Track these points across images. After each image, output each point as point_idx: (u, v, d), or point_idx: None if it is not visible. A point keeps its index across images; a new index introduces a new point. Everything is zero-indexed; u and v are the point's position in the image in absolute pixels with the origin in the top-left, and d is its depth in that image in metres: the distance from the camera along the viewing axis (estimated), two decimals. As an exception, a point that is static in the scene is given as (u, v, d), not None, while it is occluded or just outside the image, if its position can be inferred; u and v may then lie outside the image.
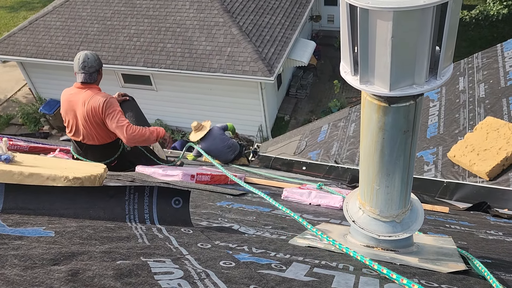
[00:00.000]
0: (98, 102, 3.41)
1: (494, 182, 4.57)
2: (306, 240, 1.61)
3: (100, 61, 3.55)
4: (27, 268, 0.88)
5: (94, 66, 3.47)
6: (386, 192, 1.48)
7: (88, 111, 3.43)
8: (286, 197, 3.18)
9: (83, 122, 3.50)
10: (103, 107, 3.40)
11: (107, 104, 3.41)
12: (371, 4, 1.08)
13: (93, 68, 3.46)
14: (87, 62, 3.44)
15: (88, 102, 3.42)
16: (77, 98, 3.47)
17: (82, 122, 3.51)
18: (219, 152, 6.91)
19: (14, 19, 21.95)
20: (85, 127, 3.52)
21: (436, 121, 5.89)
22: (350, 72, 1.30)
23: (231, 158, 7.11)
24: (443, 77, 1.23)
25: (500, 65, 5.83)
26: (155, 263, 1.01)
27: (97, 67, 3.50)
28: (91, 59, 3.46)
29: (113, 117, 3.42)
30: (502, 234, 2.61)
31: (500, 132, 4.76)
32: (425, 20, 1.09)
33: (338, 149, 6.90)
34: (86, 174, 1.79)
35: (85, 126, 3.51)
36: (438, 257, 1.55)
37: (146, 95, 13.87)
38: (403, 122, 1.31)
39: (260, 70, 11.49)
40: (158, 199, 1.55)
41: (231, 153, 7.10)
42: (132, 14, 13.27)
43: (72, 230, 1.22)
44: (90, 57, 3.46)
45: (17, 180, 1.62)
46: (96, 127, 3.52)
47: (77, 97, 3.48)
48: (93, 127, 3.51)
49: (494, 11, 12.77)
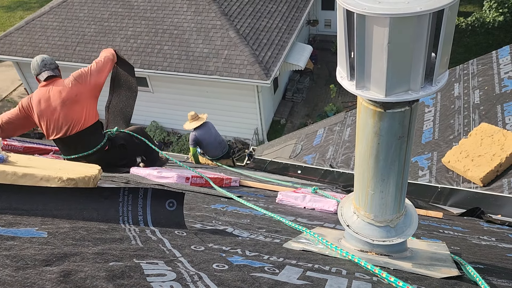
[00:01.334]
0: (69, 79, 3.60)
1: (488, 188, 4.60)
2: (300, 244, 1.61)
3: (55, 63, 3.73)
4: (19, 268, 0.87)
5: (54, 63, 3.64)
6: (381, 197, 1.48)
7: (68, 92, 3.51)
8: (280, 201, 3.18)
9: (64, 109, 3.49)
10: (75, 78, 3.60)
11: (75, 74, 3.64)
12: (368, 10, 1.09)
13: (53, 65, 3.61)
14: (46, 61, 3.58)
15: (64, 86, 3.53)
16: (50, 91, 3.51)
17: (63, 111, 3.49)
18: (210, 144, 7.07)
19: (10, 18, 21.88)
20: (66, 115, 3.50)
21: (431, 127, 5.92)
22: (346, 77, 1.30)
23: (219, 155, 7.25)
24: (438, 83, 1.24)
25: (495, 72, 5.87)
26: (148, 265, 1.01)
27: (55, 64, 3.66)
28: (47, 59, 3.61)
29: (90, 74, 3.67)
30: (495, 239, 2.62)
31: (494, 139, 4.79)
32: (421, 27, 1.10)
33: (333, 153, 6.91)
34: (80, 175, 1.78)
35: (67, 113, 3.50)
36: (431, 262, 1.56)
37: (142, 96, 13.81)
38: (398, 128, 1.32)
39: (256, 74, 11.51)
40: (152, 201, 1.55)
41: (220, 150, 7.25)
42: (129, 15, 13.26)
43: (65, 231, 1.22)
44: (47, 57, 3.62)
45: (11, 180, 1.62)
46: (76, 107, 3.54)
47: (50, 90, 3.52)
48: (74, 109, 3.52)
49: (490, 18, 12.87)
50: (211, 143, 7.06)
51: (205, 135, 6.96)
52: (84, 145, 3.62)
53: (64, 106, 3.48)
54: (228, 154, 7.45)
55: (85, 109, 3.57)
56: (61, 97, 3.47)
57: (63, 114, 3.49)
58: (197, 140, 7.00)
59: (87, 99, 3.60)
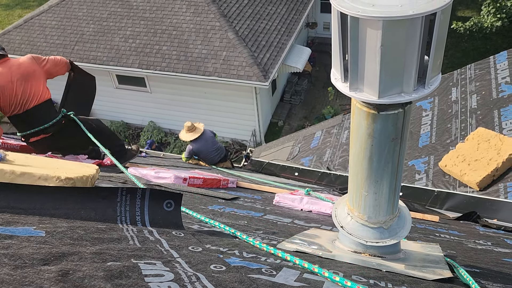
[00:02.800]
0: (26, 57, 3.69)
1: (484, 193, 4.61)
2: (294, 245, 1.62)
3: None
4: (17, 267, 0.87)
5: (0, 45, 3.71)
6: (374, 199, 1.49)
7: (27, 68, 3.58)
8: (277, 202, 3.19)
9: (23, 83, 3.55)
10: (33, 56, 3.70)
11: (33, 55, 3.75)
12: (361, 13, 1.11)
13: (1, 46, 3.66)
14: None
15: (19, 63, 3.59)
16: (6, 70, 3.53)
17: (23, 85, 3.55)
18: (208, 154, 7.13)
19: (9, 17, 21.83)
20: (25, 89, 3.57)
21: (428, 131, 5.94)
22: (341, 79, 1.32)
23: (217, 160, 7.32)
24: (431, 86, 1.25)
25: (493, 76, 5.90)
26: (145, 265, 1.01)
27: (1, 46, 3.71)
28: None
29: (47, 61, 3.79)
30: (491, 244, 2.64)
31: (491, 143, 4.81)
32: (414, 30, 1.11)
33: (330, 156, 6.92)
34: (78, 174, 1.79)
35: (26, 87, 3.57)
36: (424, 264, 1.57)
37: (140, 96, 13.84)
38: (392, 130, 1.33)
39: (255, 75, 11.52)
40: (150, 201, 1.55)
41: (218, 156, 7.32)
42: (128, 15, 13.25)
43: (63, 231, 1.22)
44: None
45: (9, 179, 1.62)
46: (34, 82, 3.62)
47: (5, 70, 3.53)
48: (32, 83, 3.60)
49: (488, 23, 12.93)
50: (209, 153, 7.12)
51: (201, 148, 7.02)
52: (41, 120, 3.67)
53: (23, 80, 3.55)
54: (225, 157, 7.52)
55: (42, 84, 3.68)
56: (19, 71, 3.54)
57: (22, 88, 3.56)
58: (194, 152, 7.09)
59: (42, 77, 3.73)
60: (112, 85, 13.79)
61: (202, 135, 6.99)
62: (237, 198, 3.14)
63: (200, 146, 6.97)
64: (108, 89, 13.83)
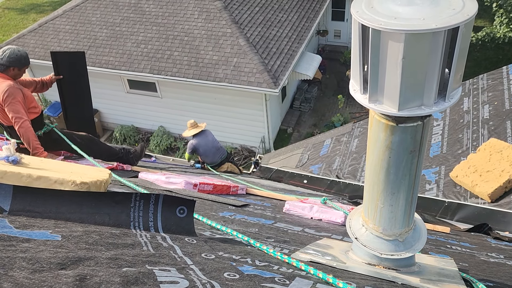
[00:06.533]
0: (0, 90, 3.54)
1: (496, 204, 4.56)
2: (308, 255, 1.61)
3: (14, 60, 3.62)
4: (35, 271, 0.89)
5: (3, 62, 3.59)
6: (390, 211, 1.48)
7: None
8: (288, 210, 3.18)
9: None
10: (3, 96, 3.53)
11: (8, 94, 3.54)
12: (384, 25, 1.10)
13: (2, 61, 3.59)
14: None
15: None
16: None
17: None
18: (208, 151, 7.38)
19: (24, 21, 22.17)
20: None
21: (440, 141, 5.90)
22: (360, 91, 1.31)
23: (218, 161, 7.53)
24: (451, 99, 1.24)
25: (505, 87, 5.85)
26: (160, 271, 1.02)
27: (6, 63, 3.61)
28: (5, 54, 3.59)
29: (11, 108, 3.55)
30: (504, 257, 2.60)
31: (503, 154, 4.76)
32: (436, 43, 1.11)
33: (340, 164, 6.90)
34: (93, 179, 1.80)
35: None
36: (439, 278, 1.55)
37: (151, 101, 13.92)
38: (410, 142, 1.33)
39: (265, 82, 11.54)
40: (163, 207, 1.56)
41: (219, 156, 7.54)
42: (141, 21, 13.39)
43: (78, 235, 1.23)
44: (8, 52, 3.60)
45: (26, 183, 1.64)
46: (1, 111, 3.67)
47: None
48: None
49: (501, 34, 12.86)
50: (209, 149, 7.36)
51: (202, 142, 7.30)
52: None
53: None
54: (227, 159, 7.71)
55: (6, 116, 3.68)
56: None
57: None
58: (194, 147, 7.32)
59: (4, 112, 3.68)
60: (123, 90, 13.91)
61: (203, 132, 7.35)
62: (247, 205, 3.14)
63: (200, 140, 7.27)
64: (120, 93, 13.95)
